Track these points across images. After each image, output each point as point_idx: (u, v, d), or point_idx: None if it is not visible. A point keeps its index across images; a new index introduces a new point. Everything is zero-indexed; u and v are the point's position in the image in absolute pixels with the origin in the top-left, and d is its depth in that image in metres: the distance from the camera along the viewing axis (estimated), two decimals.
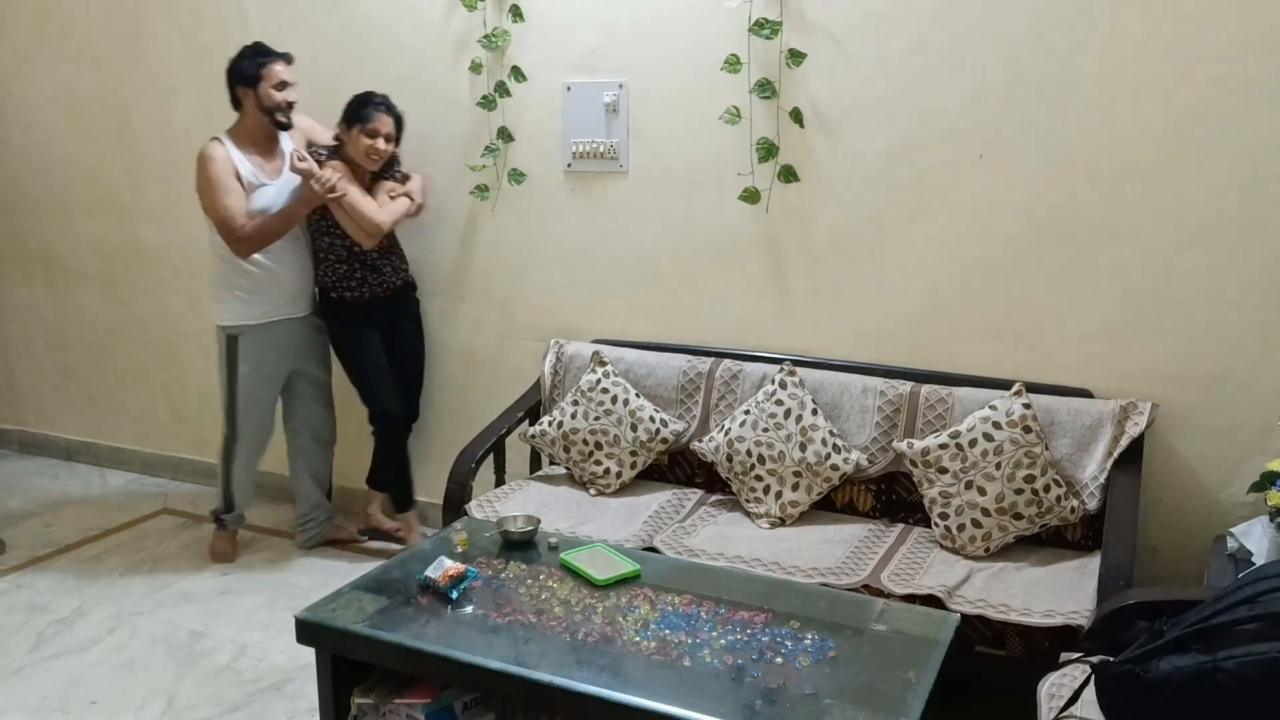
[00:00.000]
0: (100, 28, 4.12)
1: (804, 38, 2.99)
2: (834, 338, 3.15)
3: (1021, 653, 2.37)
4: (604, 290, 3.46)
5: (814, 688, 1.91)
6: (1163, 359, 2.75)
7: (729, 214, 3.19)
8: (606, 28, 3.26)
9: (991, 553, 2.71)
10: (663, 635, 2.10)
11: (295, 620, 2.24)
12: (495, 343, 3.66)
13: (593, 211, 3.42)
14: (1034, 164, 2.81)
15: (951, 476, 2.74)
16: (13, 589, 3.41)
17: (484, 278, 3.63)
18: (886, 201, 3.00)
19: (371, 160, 3.33)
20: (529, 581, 2.35)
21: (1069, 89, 2.73)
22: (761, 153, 3.08)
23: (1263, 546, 2.32)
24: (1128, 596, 2.08)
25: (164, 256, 4.23)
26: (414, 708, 2.17)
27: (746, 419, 3.01)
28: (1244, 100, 2.57)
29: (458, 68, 3.48)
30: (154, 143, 4.10)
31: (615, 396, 3.19)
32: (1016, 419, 2.70)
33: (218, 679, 2.87)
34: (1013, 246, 2.87)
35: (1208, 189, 2.64)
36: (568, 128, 3.38)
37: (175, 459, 4.44)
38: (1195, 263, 2.68)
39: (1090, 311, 2.82)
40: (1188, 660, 1.64)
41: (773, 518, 2.94)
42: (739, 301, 3.26)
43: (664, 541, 2.77)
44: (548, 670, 1.98)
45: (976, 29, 2.80)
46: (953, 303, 2.98)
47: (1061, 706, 1.85)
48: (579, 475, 3.23)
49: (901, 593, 2.47)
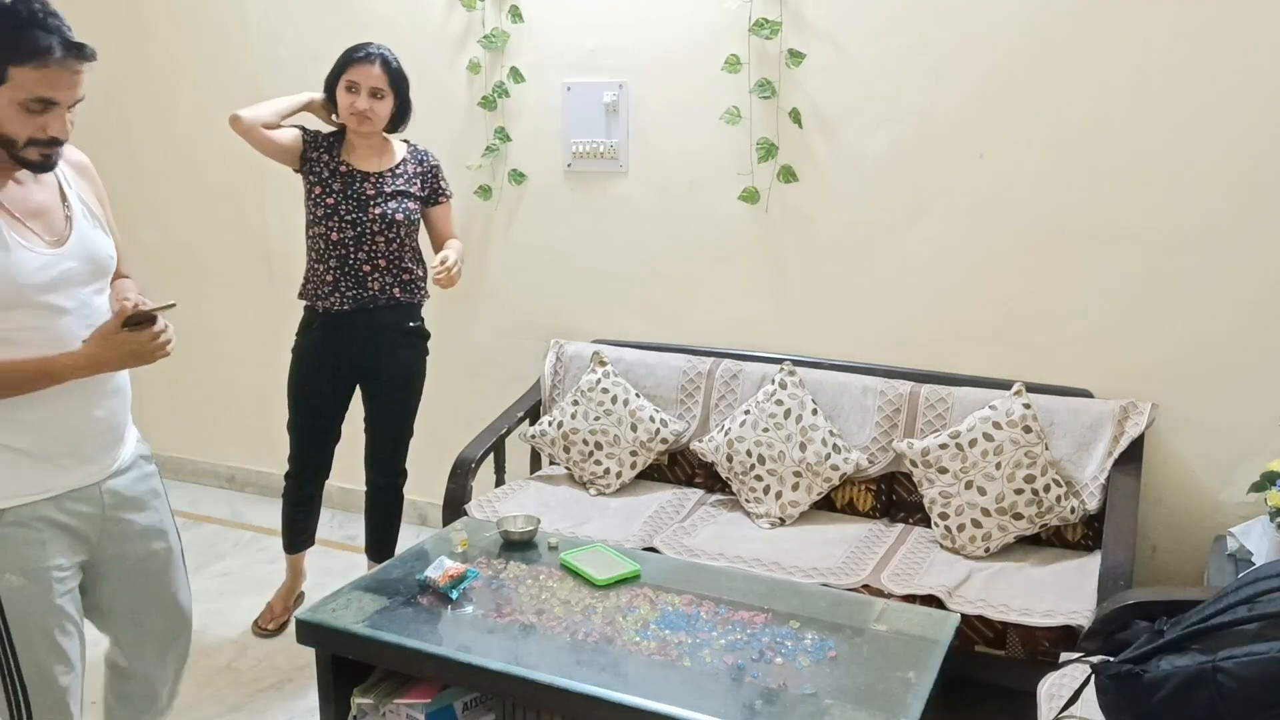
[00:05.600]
0: (100, 27, 4.12)
1: (804, 38, 2.99)
2: (834, 337, 3.15)
3: (1021, 653, 2.37)
4: (604, 290, 3.46)
5: (814, 688, 1.91)
6: (1163, 359, 2.75)
7: (729, 214, 3.19)
8: (606, 28, 3.26)
9: (991, 553, 2.71)
10: (663, 635, 2.10)
11: (295, 620, 2.23)
12: (495, 343, 3.66)
13: (593, 211, 3.42)
14: (1034, 164, 2.81)
15: (951, 476, 2.74)
16: None
17: (484, 277, 3.63)
18: (886, 201, 3.00)
19: (361, 124, 2.78)
20: (529, 581, 2.35)
21: (1069, 89, 2.73)
22: (761, 153, 3.08)
23: (1263, 546, 2.32)
24: (1128, 596, 2.07)
25: (164, 256, 4.23)
26: (414, 708, 2.17)
27: (746, 419, 3.01)
28: (1244, 100, 2.57)
29: (457, 68, 3.48)
30: (154, 143, 4.10)
31: (615, 396, 3.18)
32: (1016, 419, 2.70)
33: (218, 679, 2.87)
34: (1013, 246, 2.87)
35: (1207, 189, 2.64)
36: (568, 128, 3.38)
37: (175, 459, 4.44)
38: (1195, 263, 2.69)
39: (1090, 311, 2.82)
40: (1187, 660, 1.64)
41: (773, 518, 2.94)
42: (739, 301, 3.26)
43: (664, 541, 2.77)
44: (548, 670, 1.98)
45: (977, 29, 2.80)
46: (953, 303, 2.98)
47: (1061, 706, 1.85)
48: (579, 475, 3.23)
49: (901, 593, 2.47)
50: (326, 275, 2.86)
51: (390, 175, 2.88)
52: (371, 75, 2.76)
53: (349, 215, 2.81)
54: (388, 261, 2.87)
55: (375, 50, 2.79)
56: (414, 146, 2.97)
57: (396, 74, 2.82)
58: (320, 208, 2.82)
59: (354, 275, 2.85)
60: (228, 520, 3.98)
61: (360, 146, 2.88)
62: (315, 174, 2.84)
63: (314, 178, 2.84)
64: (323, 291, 2.87)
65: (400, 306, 2.93)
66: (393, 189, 2.86)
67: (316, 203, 2.83)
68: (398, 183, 2.88)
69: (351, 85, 2.76)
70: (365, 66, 2.76)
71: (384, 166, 2.88)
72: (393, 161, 2.90)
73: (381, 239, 2.84)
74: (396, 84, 2.82)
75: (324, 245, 2.84)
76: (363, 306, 2.87)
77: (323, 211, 2.82)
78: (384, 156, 2.90)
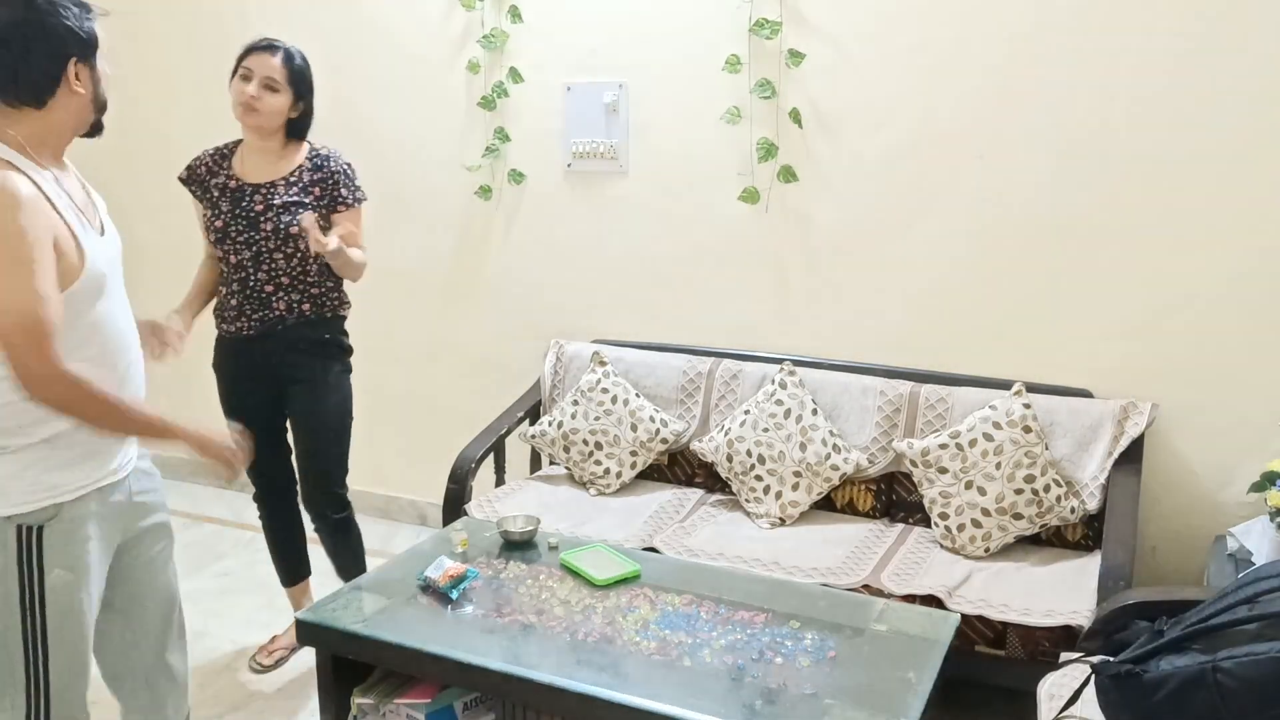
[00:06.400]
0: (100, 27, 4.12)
1: (804, 38, 2.99)
2: (834, 337, 3.15)
3: (1021, 653, 2.37)
4: (604, 290, 3.46)
5: (814, 688, 1.91)
6: (1163, 359, 2.75)
7: (729, 214, 3.19)
8: (606, 28, 3.26)
9: (991, 553, 2.71)
10: (663, 635, 2.10)
11: (295, 620, 2.23)
12: (495, 343, 3.66)
13: (593, 211, 3.42)
14: (1034, 164, 2.81)
15: (951, 476, 2.74)
16: None
17: (484, 278, 3.63)
18: (886, 201, 3.00)
19: (246, 114, 2.57)
20: (529, 581, 2.35)
21: (1069, 89, 2.73)
22: (761, 153, 3.08)
23: (1263, 546, 2.32)
24: (1128, 596, 2.08)
25: (164, 257, 4.22)
26: (414, 708, 2.17)
27: (746, 419, 3.01)
28: (1244, 100, 2.57)
29: (456, 68, 3.48)
30: (154, 143, 4.10)
31: (615, 396, 3.18)
32: (1016, 419, 2.70)
33: (218, 679, 2.87)
34: (1013, 246, 2.88)
35: (1207, 189, 2.64)
36: (568, 128, 3.38)
37: (175, 459, 4.43)
38: (1195, 263, 2.69)
39: (1090, 311, 2.82)
40: (1187, 660, 1.64)
41: (773, 518, 2.94)
42: (739, 301, 3.26)
43: (664, 541, 2.77)
44: (548, 670, 1.98)
45: (977, 29, 2.81)
46: (953, 303, 2.98)
47: (1061, 706, 1.85)
48: (579, 475, 3.23)
49: (901, 593, 2.47)
50: (231, 300, 2.67)
51: (283, 185, 2.63)
52: (268, 65, 2.57)
53: (240, 235, 2.61)
54: (290, 279, 2.64)
55: (281, 44, 2.62)
56: (318, 151, 2.70)
57: (298, 72, 2.61)
58: (211, 232, 2.65)
59: (257, 298, 2.64)
60: (227, 520, 3.98)
61: (253, 153, 2.66)
62: (207, 198, 2.67)
63: (205, 202, 2.68)
64: (228, 315, 2.69)
65: (312, 322, 2.70)
66: (283, 200, 2.62)
67: (208, 228, 2.66)
68: (290, 193, 2.63)
69: (245, 73, 2.57)
70: (264, 55, 2.58)
71: (275, 175, 2.64)
72: (289, 169, 2.66)
73: (280, 255, 2.61)
74: (295, 83, 2.61)
75: (225, 269, 2.67)
76: (269, 330, 2.66)
77: (215, 236, 2.64)
78: (280, 164, 2.66)
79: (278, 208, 2.61)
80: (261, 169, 2.65)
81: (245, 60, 2.59)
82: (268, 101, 2.57)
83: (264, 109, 2.57)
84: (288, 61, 2.60)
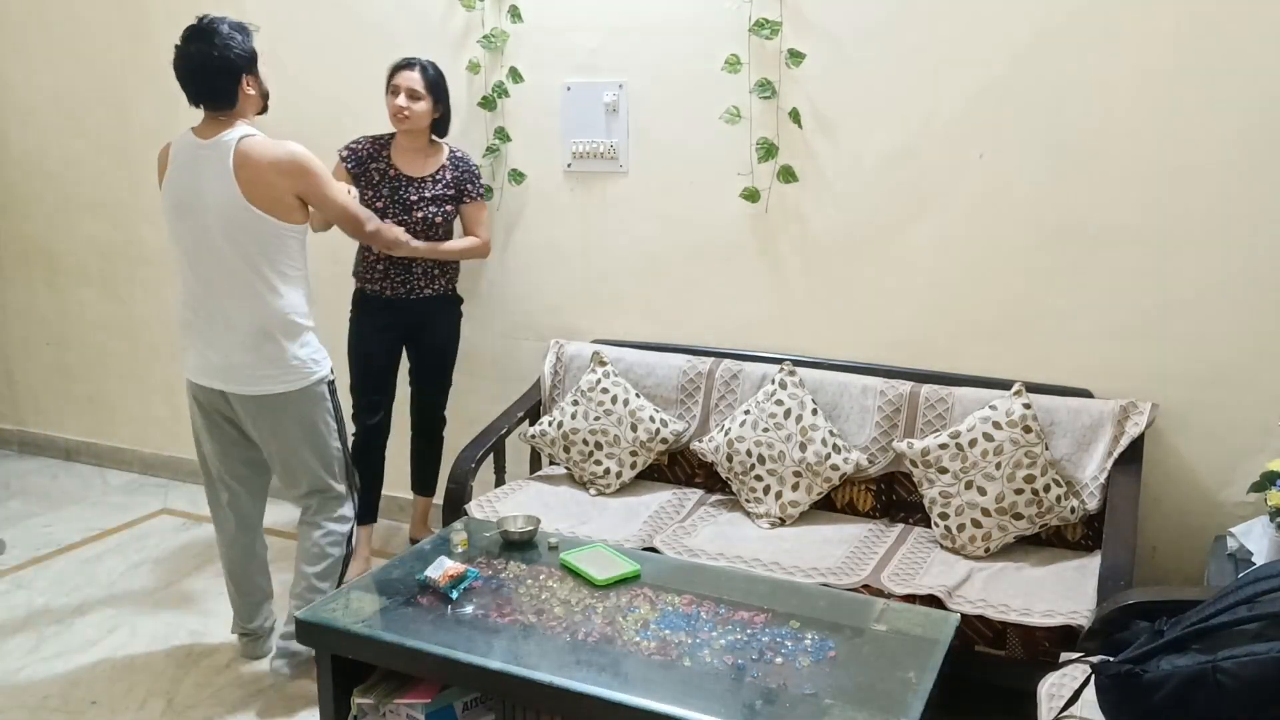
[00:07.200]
0: (100, 27, 4.12)
1: (804, 38, 2.99)
2: (834, 337, 3.15)
3: (1021, 653, 2.37)
4: (604, 290, 3.46)
5: (814, 688, 1.91)
6: (1163, 359, 2.75)
7: (729, 214, 3.19)
8: (606, 28, 3.26)
9: (991, 553, 2.71)
10: (663, 635, 2.10)
11: (295, 620, 2.24)
12: (495, 343, 3.66)
13: (593, 211, 3.42)
14: (1034, 164, 2.81)
15: (951, 476, 2.74)
16: (13, 589, 3.41)
17: (484, 277, 3.63)
18: (886, 201, 3.00)
19: (400, 121, 3.13)
20: (529, 581, 2.35)
21: (1069, 89, 2.73)
22: (761, 153, 3.08)
23: (1263, 546, 2.32)
24: (1128, 596, 2.08)
25: (164, 256, 4.23)
26: (414, 708, 2.17)
27: (746, 419, 3.01)
28: (1244, 100, 2.57)
29: (456, 68, 3.48)
30: (154, 143, 4.08)
31: (615, 396, 3.19)
32: (1016, 419, 2.70)
33: (218, 679, 2.87)
34: (1013, 246, 2.87)
35: (1207, 189, 2.64)
36: (567, 128, 3.38)
37: (175, 459, 4.44)
38: (1195, 263, 2.68)
39: (1090, 311, 2.82)
40: (1187, 660, 1.64)
41: (773, 518, 2.94)
42: (739, 301, 3.26)
43: (664, 541, 2.77)
44: (548, 670, 1.98)
45: (977, 29, 2.80)
46: (952, 303, 2.98)
47: (1061, 706, 1.85)
48: (579, 475, 3.23)
49: (901, 593, 2.47)
50: (377, 265, 3.25)
51: (431, 180, 3.22)
52: (409, 78, 3.13)
53: (396, 219, 3.16)
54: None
55: (416, 60, 3.16)
56: (454, 152, 3.29)
57: (433, 80, 3.17)
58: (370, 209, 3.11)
59: (401, 265, 3.24)
60: None
61: (406, 149, 3.22)
62: (367, 180, 3.20)
63: (365, 183, 3.19)
64: (373, 277, 3.26)
65: (440, 286, 3.34)
66: (433, 194, 3.21)
67: (368, 206, 3.12)
68: (438, 188, 3.22)
69: (394, 89, 3.13)
70: (405, 72, 3.13)
71: (427, 171, 3.23)
72: (435, 166, 3.24)
73: (423, 238, 3.18)
74: (433, 89, 3.16)
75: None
76: (409, 293, 3.27)
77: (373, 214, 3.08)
78: (428, 160, 3.24)
79: (427, 200, 3.21)
80: (415, 164, 3.24)
81: (393, 79, 3.15)
82: (413, 108, 3.13)
83: (413, 114, 3.14)
84: (424, 73, 3.16)
